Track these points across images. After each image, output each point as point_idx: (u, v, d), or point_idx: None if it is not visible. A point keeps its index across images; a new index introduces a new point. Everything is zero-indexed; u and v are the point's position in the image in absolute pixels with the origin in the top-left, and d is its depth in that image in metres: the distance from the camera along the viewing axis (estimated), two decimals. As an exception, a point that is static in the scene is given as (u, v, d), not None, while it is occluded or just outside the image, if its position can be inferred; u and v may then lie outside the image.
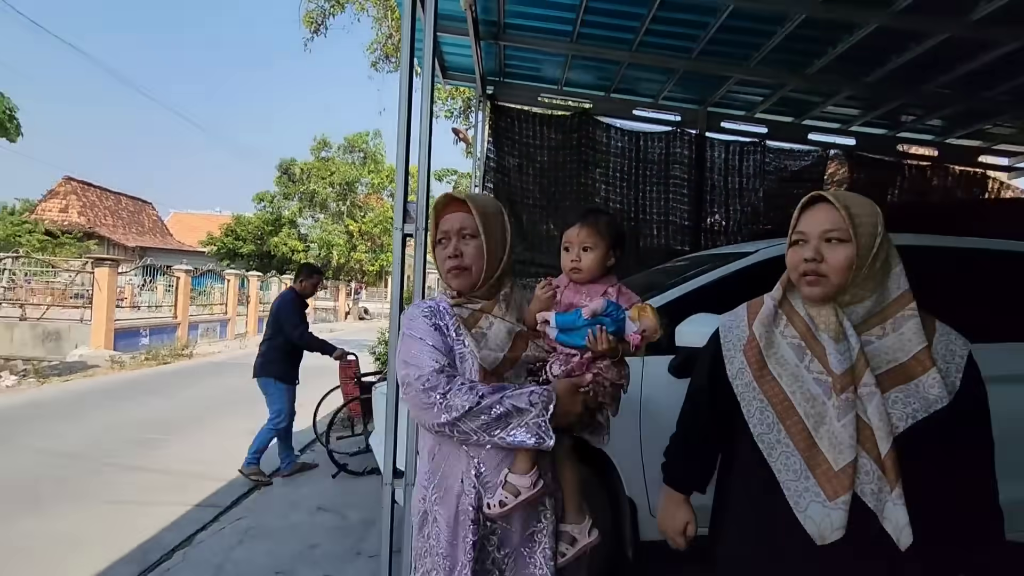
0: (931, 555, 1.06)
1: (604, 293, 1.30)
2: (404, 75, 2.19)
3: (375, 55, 9.88)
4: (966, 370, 1.10)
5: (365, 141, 27.41)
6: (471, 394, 1.16)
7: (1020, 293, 2.80)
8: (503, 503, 1.19)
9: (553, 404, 1.18)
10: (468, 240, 1.28)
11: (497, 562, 1.24)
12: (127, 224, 25.66)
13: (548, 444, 1.16)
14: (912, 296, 1.12)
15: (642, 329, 1.21)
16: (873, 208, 1.13)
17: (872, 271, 1.10)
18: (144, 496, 3.93)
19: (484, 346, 1.26)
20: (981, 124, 5.08)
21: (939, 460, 1.08)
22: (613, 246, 1.35)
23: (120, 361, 10.37)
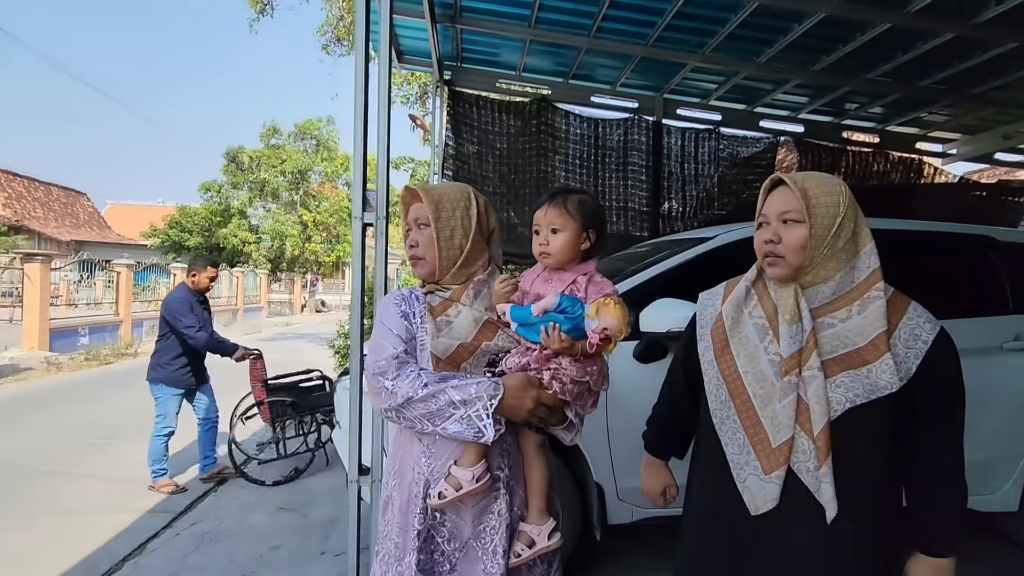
0: (875, 530, 1.11)
1: (573, 282, 1.22)
2: (359, 59, 2.11)
3: (326, 37, 9.53)
4: (928, 355, 1.11)
5: (317, 128, 26.45)
6: (416, 382, 1.16)
7: (953, 272, 2.97)
8: (442, 495, 1.18)
9: (498, 398, 1.14)
10: (423, 230, 1.29)
11: (447, 555, 1.22)
12: (60, 216, 24.04)
13: (487, 438, 1.14)
14: (880, 276, 1.13)
15: (602, 327, 1.13)
16: (835, 189, 1.14)
17: (833, 251, 1.12)
18: (89, 505, 3.71)
19: (445, 334, 1.23)
20: (917, 112, 5.35)
21: (894, 440, 1.12)
22: (586, 227, 1.25)
23: (57, 363, 9.76)
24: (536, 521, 1.24)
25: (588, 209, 1.27)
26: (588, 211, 1.26)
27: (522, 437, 1.26)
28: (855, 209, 1.14)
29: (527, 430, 1.24)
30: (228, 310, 18.45)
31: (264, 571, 2.83)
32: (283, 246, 25.16)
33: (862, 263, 1.14)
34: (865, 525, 1.10)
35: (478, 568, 1.22)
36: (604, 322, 1.12)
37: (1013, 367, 2.73)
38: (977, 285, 2.93)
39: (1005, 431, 2.70)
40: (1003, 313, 2.81)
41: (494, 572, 1.20)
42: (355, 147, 2.02)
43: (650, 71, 4.88)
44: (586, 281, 1.23)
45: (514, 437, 1.26)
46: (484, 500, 1.22)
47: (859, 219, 1.15)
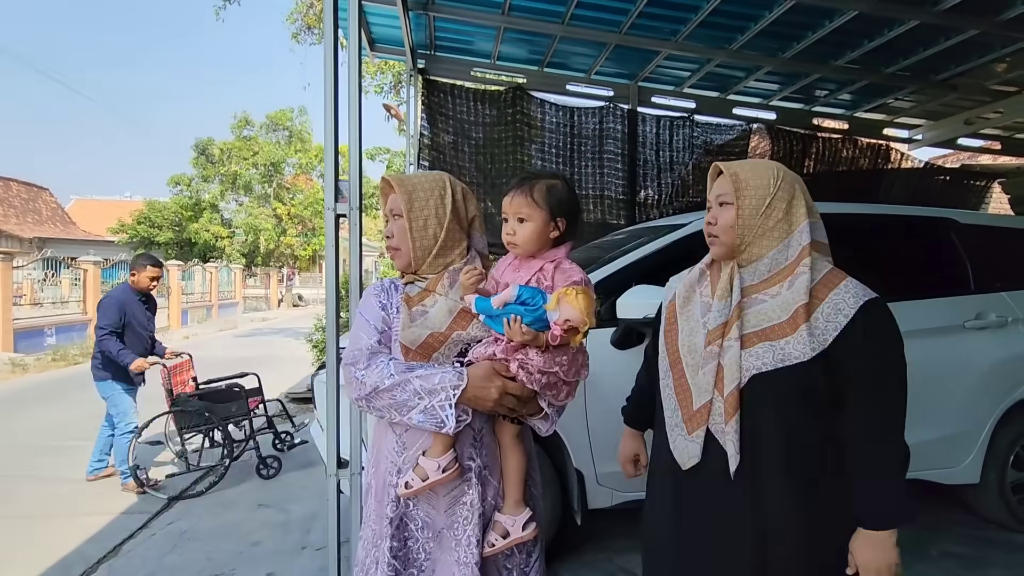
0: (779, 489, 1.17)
1: (540, 270, 1.19)
2: (328, 47, 2.06)
3: (296, 26, 9.31)
4: (847, 327, 1.14)
5: (289, 119, 25.84)
6: (383, 371, 1.17)
7: (918, 254, 3.05)
8: (409, 485, 1.19)
9: (462, 388, 1.14)
10: (397, 220, 1.29)
11: (421, 543, 1.24)
12: (20, 213, 23.14)
13: (447, 429, 1.14)
14: (808, 253, 1.18)
15: (563, 319, 1.09)
16: (767, 172, 1.21)
17: (764, 230, 1.20)
18: (60, 508, 3.62)
19: (420, 324, 1.22)
20: (884, 98, 5.47)
21: (825, 408, 1.17)
22: (554, 215, 1.20)
23: (23, 364, 9.44)
24: (511, 512, 1.24)
25: (556, 196, 1.21)
26: (556, 198, 1.21)
27: (499, 427, 1.25)
28: (789, 191, 1.20)
29: (503, 420, 1.23)
30: (202, 306, 18.05)
31: (244, 568, 2.80)
32: (257, 240, 24.66)
33: (795, 241, 1.20)
34: (766, 482, 1.17)
35: (451, 557, 1.22)
36: (565, 313, 1.09)
37: (974, 345, 2.83)
38: (940, 266, 3.02)
39: (967, 407, 2.81)
40: (965, 293, 2.91)
41: (467, 561, 1.20)
42: (326, 136, 1.98)
43: (624, 59, 4.88)
44: (553, 269, 1.19)
45: (489, 427, 1.25)
46: (455, 490, 1.22)
47: (794, 200, 1.21)
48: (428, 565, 1.24)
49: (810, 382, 1.15)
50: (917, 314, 2.81)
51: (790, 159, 5.65)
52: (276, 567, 2.80)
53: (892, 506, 1.15)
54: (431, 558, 1.24)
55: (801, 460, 1.17)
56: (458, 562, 1.21)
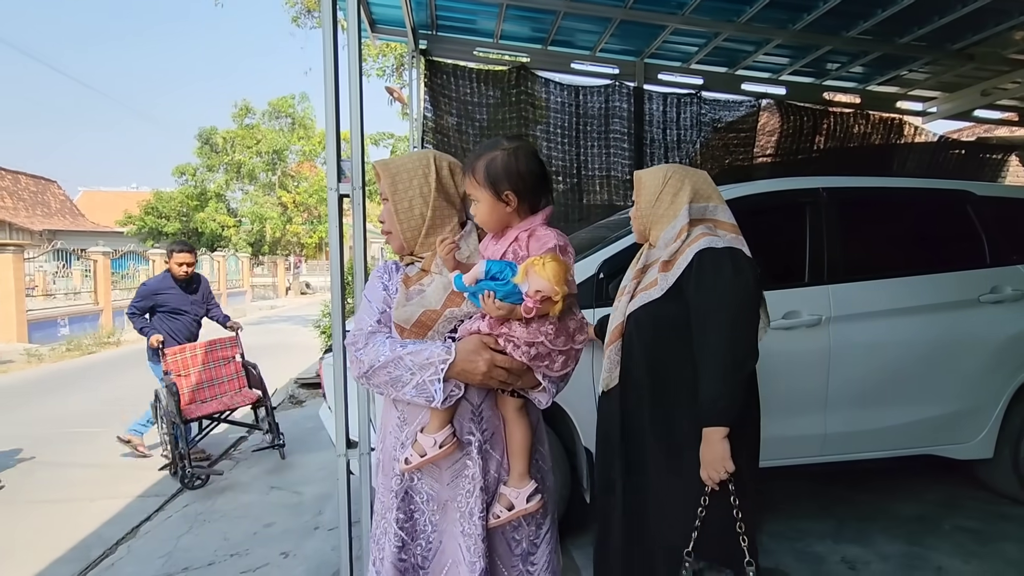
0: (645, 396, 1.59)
1: (515, 240, 1.17)
2: (327, 27, 2.02)
3: (296, 9, 9.20)
4: (685, 271, 1.53)
5: (291, 105, 25.71)
6: (379, 350, 1.20)
7: (932, 227, 2.99)
8: (408, 460, 1.22)
9: (449, 362, 1.15)
10: (385, 204, 1.31)
11: (427, 515, 1.26)
12: (30, 206, 23.33)
13: (436, 403, 1.15)
14: (688, 228, 1.58)
15: (534, 290, 1.06)
16: (659, 174, 1.64)
17: (656, 217, 1.63)
18: (79, 492, 3.69)
19: (416, 302, 1.23)
20: (898, 70, 5.32)
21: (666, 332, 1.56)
22: (499, 190, 1.16)
23: (38, 354, 9.58)
24: (516, 484, 1.24)
25: (495, 171, 1.17)
26: (495, 173, 1.17)
27: (500, 402, 1.25)
28: (675, 187, 1.61)
29: (504, 394, 1.24)
30: (211, 295, 18.18)
31: (258, 548, 2.85)
32: (263, 229, 24.71)
33: (678, 223, 1.59)
34: (633, 390, 1.61)
35: (457, 529, 1.24)
36: (535, 284, 1.07)
37: (989, 319, 2.78)
38: (956, 239, 2.96)
39: (981, 381, 2.78)
40: (981, 266, 2.86)
41: (472, 533, 1.21)
42: (327, 114, 1.95)
43: (630, 35, 4.78)
44: (527, 237, 1.17)
45: (490, 402, 1.26)
46: (457, 464, 1.23)
47: (680, 191, 1.60)
48: (435, 536, 1.26)
49: (662, 312, 1.56)
50: (931, 288, 2.77)
51: (800, 135, 5.54)
52: (289, 547, 2.84)
53: (711, 406, 1.45)
54: (437, 529, 1.26)
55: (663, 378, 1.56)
56: (463, 533, 1.22)
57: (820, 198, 2.77)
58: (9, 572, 2.71)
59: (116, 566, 2.75)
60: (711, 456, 1.45)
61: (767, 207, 2.79)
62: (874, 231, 2.90)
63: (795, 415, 2.64)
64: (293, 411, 5.58)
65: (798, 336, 2.62)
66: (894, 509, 2.98)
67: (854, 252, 2.75)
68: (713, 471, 1.45)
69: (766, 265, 2.81)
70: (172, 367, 3.98)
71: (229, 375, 4.23)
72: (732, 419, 1.44)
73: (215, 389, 4.15)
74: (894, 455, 2.78)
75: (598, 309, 2.41)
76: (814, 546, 2.65)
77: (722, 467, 1.43)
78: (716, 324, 1.47)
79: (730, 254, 1.52)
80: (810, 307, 2.63)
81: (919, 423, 2.75)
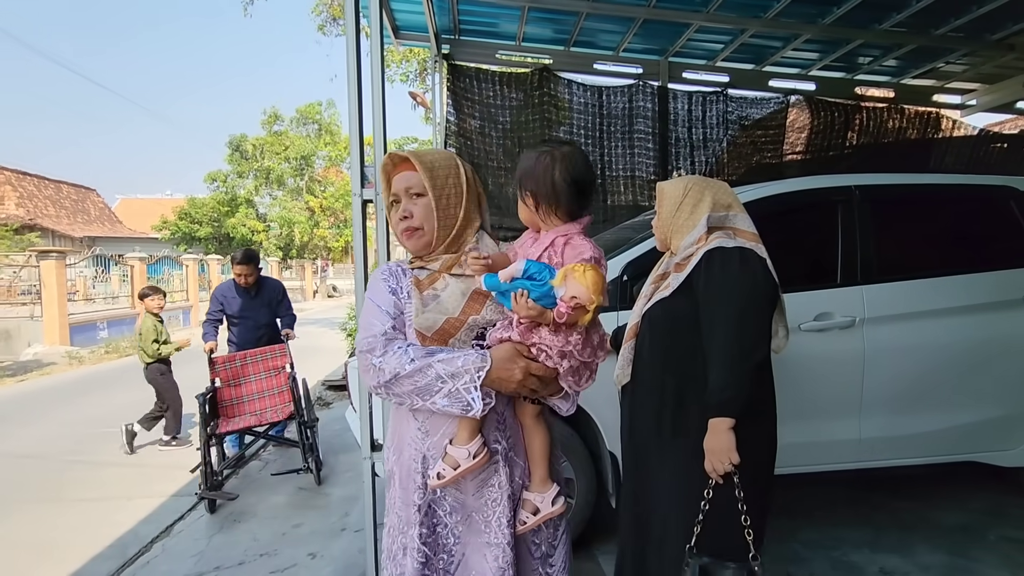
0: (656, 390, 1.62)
1: (551, 244, 1.17)
2: (350, 34, 2.04)
3: (321, 17, 9.38)
4: (693, 270, 1.57)
5: (318, 112, 26.25)
6: (403, 357, 1.14)
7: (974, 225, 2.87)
8: (441, 475, 1.16)
9: (486, 369, 1.11)
10: (416, 199, 1.22)
11: (450, 528, 1.22)
12: (72, 213, 24.26)
13: (475, 412, 1.11)
14: (706, 237, 1.59)
15: (570, 295, 1.05)
16: (678, 185, 1.67)
17: (676, 226, 1.66)
18: (118, 491, 3.81)
19: (432, 308, 1.19)
20: (934, 63, 5.14)
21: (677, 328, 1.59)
22: (523, 189, 1.22)
23: (79, 356, 9.95)
24: (539, 488, 1.24)
25: (525, 169, 1.23)
26: (524, 172, 1.23)
27: (519, 408, 1.24)
28: (695, 197, 1.64)
29: (523, 401, 1.22)
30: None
31: (287, 548, 2.89)
32: (292, 233, 25.25)
33: (696, 231, 1.61)
34: (644, 385, 1.65)
35: (482, 540, 1.21)
36: (572, 290, 1.06)
37: (1035, 320, 2.65)
38: (997, 237, 2.84)
39: (1026, 385, 2.65)
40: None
41: (499, 542, 1.19)
42: (350, 122, 1.98)
43: (653, 34, 4.73)
44: (563, 243, 1.17)
45: (511, 409, 1.24)
46: (483, 473, 1.21)
47: (700, 202, 1.63)
48: (458, 549, 1.23)
49: (672, 309, 1.59)
50: (971, 288, 2.66)
51: (831, 131, 5.39)
52: (317, 548, 2.88)
53: (716, 396, 1.46)
54: (460, 542, 1.23)
55: (673, 373, 1.59)
56: (489, 543, 1.20)
57: (852, 196, 2.69)
58: (51, 568, 2.81)
59: (151, 564, 2.82)
60: (716, 446, 1.45)
61: (797, 206, 2.72)
62: (910, 229, 2.80)
63: (828, 419, 2.57)
64: (320, 413, 5.67)
65: (831, 338, 2.54)
66: (936, 518, 2.87)
67: (889, 252, 2.66)
68: (717, 462, 1.44)
69: (797, 265, 2.76)
70: (222, 375, 3.91)
71: (279, 387, 3.99)
72: (738, 410, 1.44)
73: (257, 404, 3.96)
74: (935, 461, 2.67)
75: (622, 312, 2.37)
76: (850, 555, 2.56)
77: (727, 458, 1.43)
78: (723, 316, 1.50)
79: (739, 251, 1.54)
80: (843, 308, 2.56)
81: (960, 428, 2.64)
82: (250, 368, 4.02)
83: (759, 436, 1.54)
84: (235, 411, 3.91)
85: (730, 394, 1.44)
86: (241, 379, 3.98)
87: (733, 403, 1.45)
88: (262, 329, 4.35)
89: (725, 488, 1.47)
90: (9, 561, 2.92)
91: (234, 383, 3.96)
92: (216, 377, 3.88)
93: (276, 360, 4.06)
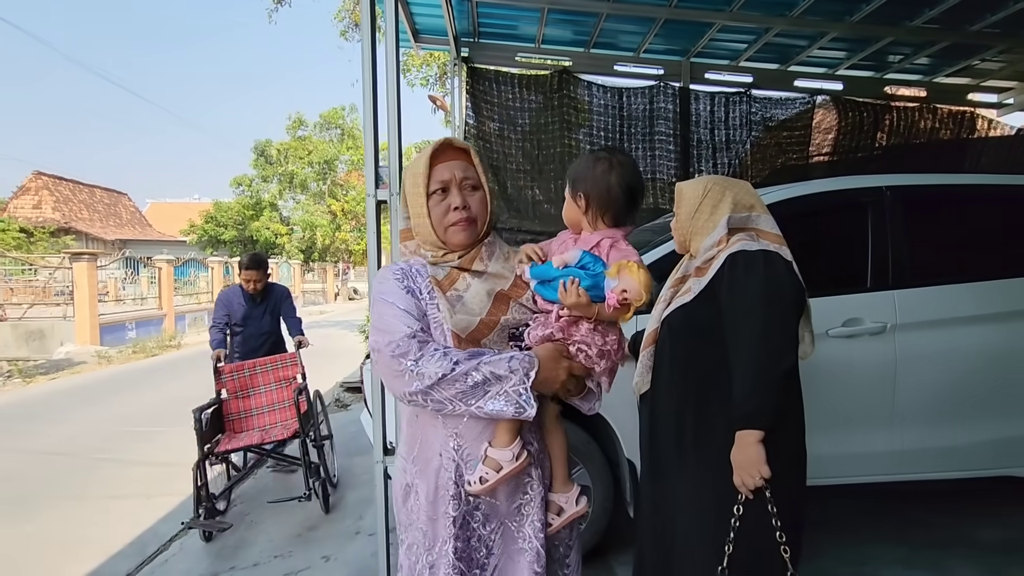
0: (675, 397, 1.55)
1: (597, 245, 1.18)
2: (366, 37, 2.04)
3: (343, 23, 9.50)
4: (715, 276, 1.50)
5: (341, 117, 26.65)
6: (445, 360, 1.07)
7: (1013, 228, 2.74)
8: (484, 479, 1.11)
9: (535, 370, 1.08)
10: (472, 192, 1.20)
11: (484, 539, 1.17)
12: (104, 217, 25.02)
13: (529, 413, 1.07)
14: (727, 239, 1.53)
15: (621, 288, 1.07)
16: (698, 186, 1.62)
17: (696, 228, 1.60)
18: (140, 489, 3.87)
19: (459, 310, 1.15)
20: (969, 60, 4.96)
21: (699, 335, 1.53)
22: (574, 189, 1.26)
23: (107, 356, 10.22)
24: (562, 489, 1.24)
25: (580, 170, 1.28)
26: (578, 172, 1.28)
27: (542, 409, 1.21)
28: (715, 197, 1.58)
29: (547, 401, 1.21)
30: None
31: (301, 550, 2.89)
32: (314, 236, 25.62)
33: (716, 233, 1.55)
34: (664, 393, 1.58)
35: (515, 546, 1.19)
36: (624, 283, 1.07)
37: (1081, 328, 2.51)
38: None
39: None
40: (1070, 270, 2.59)
41: (531, 547, 1.17)
42: (365, 123, 1.97)
43: (675, 34, 4.65)
44: (609, 246, 1.19)
45: None
46: (515, 477, 1.17)
47: (720, 203, 1.57)
48: (491, 561, 1.18)
49: (694, 315, 1.53)
50: (1012, 293, 2.53)
51: (860, 132, 5.24)
52: (331, 551, 2.87)
53: (744, 408, 1.40)
54: (493, 552, 1.19)
55: (696, 381, 1.52)
56: (522, 549, 1.18)
57: (883, 197, 2.58)
58: (74, 564, 2.86)
59: (169, 562, 2.85)
60: (744, 460, 1.39)
61: (825, 207, 2.63)
62: (944, 232, 2.68)
63: (858, 430, 2.46)
64: (338, 415, 5.70)
65: (860, 345, 2.44)
66: (974, 534, 2.74)
67: (922, 255, 2.55)
68: (747, 476, 1.38)
69: (824, 269, 2.66)
70: (228, 386, 3.57)
71: (290, 399, 3.56)
72: (767, 422, 1.38)
73: (266, 418, 3.61)
74: (973, 475, 2.55)
75: (640, 315, 2.32)
76: (881, 572, 2.45)
77: (756, 472, 1.36)
78: (749, 324, 1.43)
79: (764, 255, 1.48)
80: (873, 314, 2.46)
81: (1000, 441, 2.51)
82: (259, 378, 3.67)
83: (788, 446, 1.47)
84: (241, 426, 3.57)
85: (757, 405, 1.39)
86: (250, 390, 3.64)
87: (761, 414, 1.39)
88: (264, 336, 4.07)
89: (756, 503, 1.40)
90: (37, 557, 2.98)
91: (242, 394, 3.62)
92: (222, 388, 3.57)
93: (287, 370, 3.70)
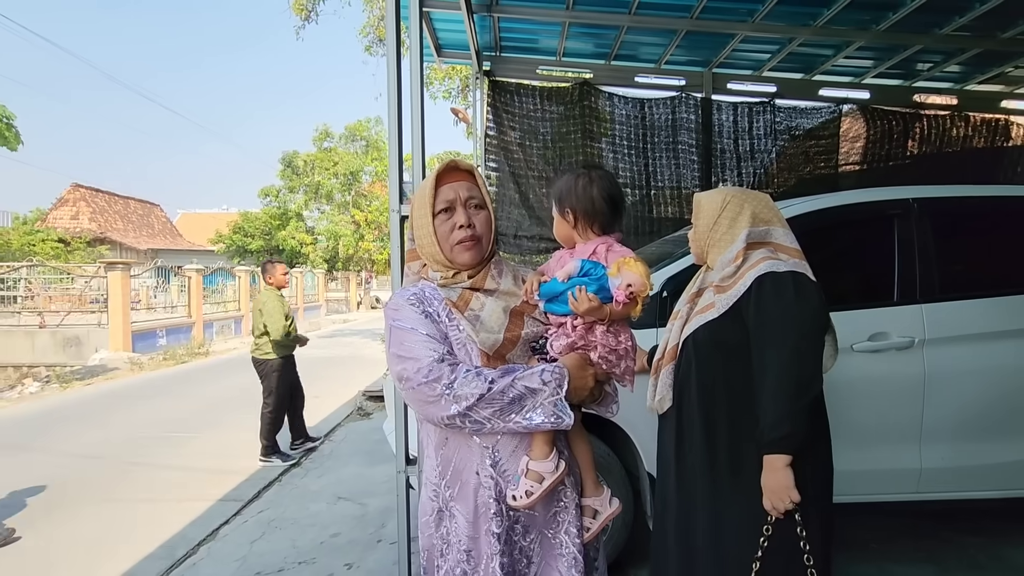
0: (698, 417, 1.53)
1: (594, 252, 1.23)
2: (391, 50, 2.10)
3: (368, 38, 9.71)
4: (743, 296, 1.48)
5: (366, 129, 27.12)
6: (480, 380, 1.09)
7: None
8: (529, 492, 1.12)
9: (567, 380, 1.12)
10: (476, 211, 1.22)
11: (524, 550, 1.19)
12: (137, 227, 25.85)
13: (568, 423, 1.10)
14: (744, 252, 1.52)
15: (626, 283, 1.12)
16: (716, 197, 1.61)
17: (714, 240, 1.59)
18: (170, 493, 3.97)
19: (481, 328, 1.17)
20: (1001, 67, 4.84)
21: (724, 354, 1.51)
22: (561, 207, 1.30)
23: (139, 363, 10.51)
24: (594, 492, 1.26)
25: (563, 190, 1.31)
26: (561, 191, 1.31)
27: None
28: (733, 210, 1.57)
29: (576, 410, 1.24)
30: (290, 309, 19.26)
31: (324, 557, 2.93)
32: (338, 246, 26.01)
33: (736, 246, 1.54)
34: (688, 412, 1.55)
35: (554, 553, 1.20)
36: (627, 278, 1.13)
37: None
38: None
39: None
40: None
41: (570, 552, 1.19)
42: (390, 138, 2.02)
43: (696, 45, 4.65)
44: (605, 250, 1.24)
45: None
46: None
47: (739, 216, 1.55)
48: (531, 570, 1.20)
49: (719, 335, 1.51)
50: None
51: (888, 141, 5.15)
52: (354, 558, 2.90)
53: (773, 433, 1.38)
54: (533, 563, 1.20)
55: (720, 401, 1.50)
56: (561, 555, 1.20)
57: (910, 209, 2.54)
58: (106, 565, 2.94)
59: (197, 566, 2.91)
60: (774, 484, 1.39)
61: (850, 220, 2.59)
62: (975, 244, 2.62)
63: (885, 446, 2.41)
64: (361, 423, 5.77)
65: (887, 360, 2.39)
66: (1010, 556, 2.64)
67: (951, 268, 2.49)
68: (777, 500, 1.38)
69: (849, 282, 2.62)
70: None
71: None
72: (797, 447, 1.38)
73: None
74: (1008, 496, 2.46)
75: (661, 329, 2.31)
76: (911, 594, 2.39)
77: (787, 496, 1.37)
78: (778, 348, 1.42)
79: (793, 277, 1.47)
80: (900, 328, 2.40)
81: (1037, 461, 2.42)
82: None
83: (816, 468, 1.46)
84: None
85: (788, 431, 1.38)
86: None
87: (791, 440, 1.38)
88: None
89: (785, 525, 1.40)
90: (70, 559, 3.07)
91: None
92: None
93: None
